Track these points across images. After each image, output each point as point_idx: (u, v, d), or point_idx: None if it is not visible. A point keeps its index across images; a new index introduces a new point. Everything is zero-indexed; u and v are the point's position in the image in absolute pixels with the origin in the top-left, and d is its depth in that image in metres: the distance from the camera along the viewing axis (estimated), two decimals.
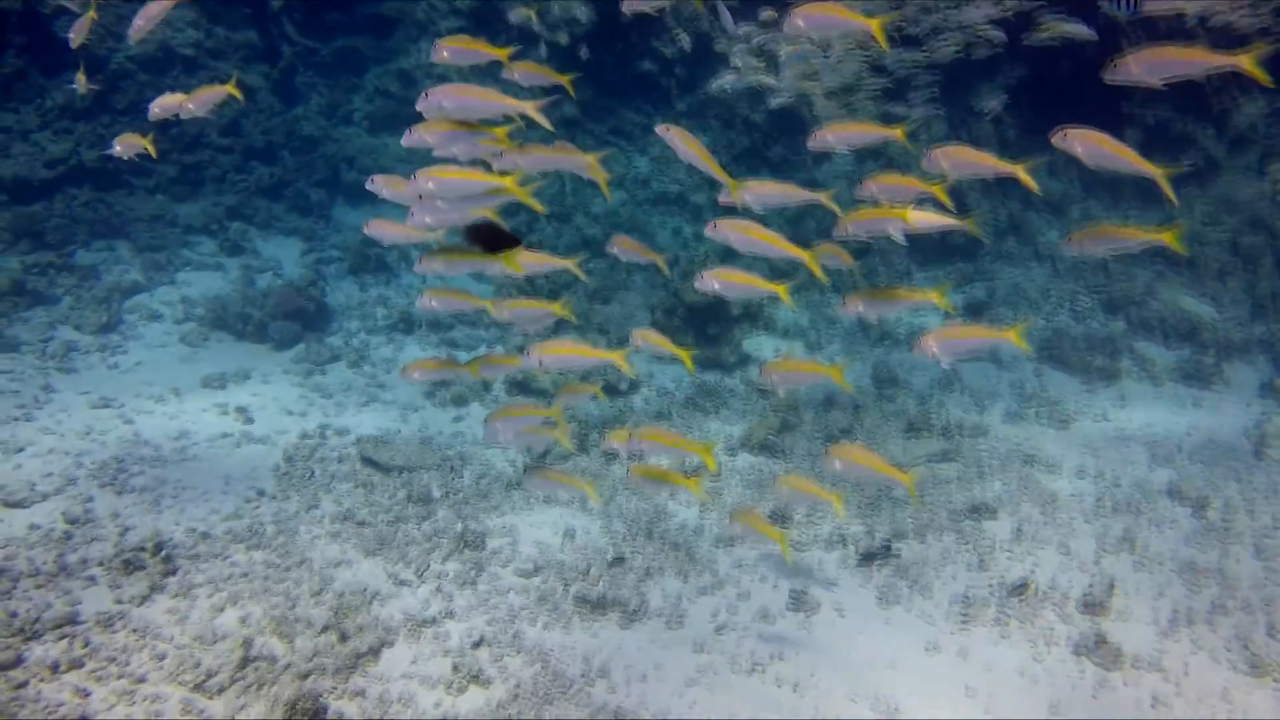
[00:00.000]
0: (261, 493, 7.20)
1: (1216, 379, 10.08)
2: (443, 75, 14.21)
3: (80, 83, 9.01)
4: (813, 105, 12.46)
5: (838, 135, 5.86)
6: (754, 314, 10.28)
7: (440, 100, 5.01)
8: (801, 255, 5.44)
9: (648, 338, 5.92)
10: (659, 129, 5.51)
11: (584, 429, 8.40)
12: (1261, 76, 4.99)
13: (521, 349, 9.49)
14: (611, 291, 11.49)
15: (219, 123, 13.11)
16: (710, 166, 5.41)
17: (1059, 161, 13.77)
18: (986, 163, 5.26)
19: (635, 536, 6.93)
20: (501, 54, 5.57)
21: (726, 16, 9.13)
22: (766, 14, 9.36)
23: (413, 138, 5.02)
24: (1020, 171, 5.20)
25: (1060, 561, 6.84)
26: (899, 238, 5.48)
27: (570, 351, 5.65)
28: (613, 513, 7.20)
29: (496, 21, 14.26)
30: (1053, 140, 4.97)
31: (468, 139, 5.04)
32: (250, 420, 8.44)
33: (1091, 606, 6.27)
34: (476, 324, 10.79)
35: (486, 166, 5.28)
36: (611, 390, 9.19)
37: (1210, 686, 5.66)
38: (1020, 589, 6.39)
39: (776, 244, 5.46)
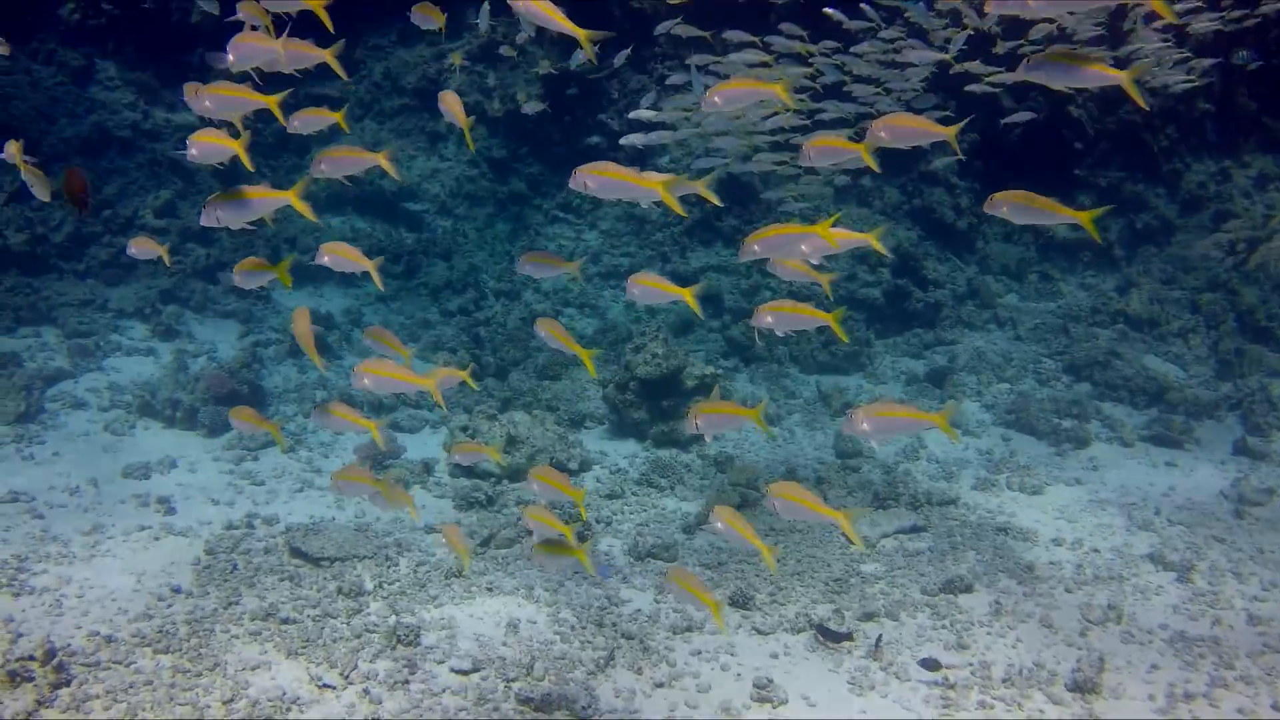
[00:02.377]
0: (177, 590, 6.58)
1: (1188, 439, 9.80)
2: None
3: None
4: (763, 178, 12.28)
5: (764, 244, 5.40)
6: (708, 387, 9.88)
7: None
8: (682, 293, 5.35)
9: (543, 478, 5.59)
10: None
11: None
12: (1095, 235, 5.22)
13: (465, 430, 9.02)
14: (562, 367, 11.06)
15: (155, 205, 12.68)
16: (562, 23, 5.25)
17: (1014, 227, 13.67)
18: (924, 128, 5.16)
19: (585, 626, 6.38)
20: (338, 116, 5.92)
21: (699, 82, 8.94)
22: (696, 58, 9.17)
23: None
24: (951, 136, 5.13)
25: (1044, 637, 6.38)
26: (814, 259, 5.20)
27: (391, 375, 5.49)
28: (560, 600, 6.65)
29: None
30: (985, 207, 5.04)
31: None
32: (172, 511, 7.84)
33: (1082, 686, 5.79)
34: (421, 404, 10.29)
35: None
36: (561, 470, 8.68)
37: None
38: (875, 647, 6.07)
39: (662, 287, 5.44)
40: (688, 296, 5.34)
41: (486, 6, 9.54)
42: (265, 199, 5.22)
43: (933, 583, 6.98)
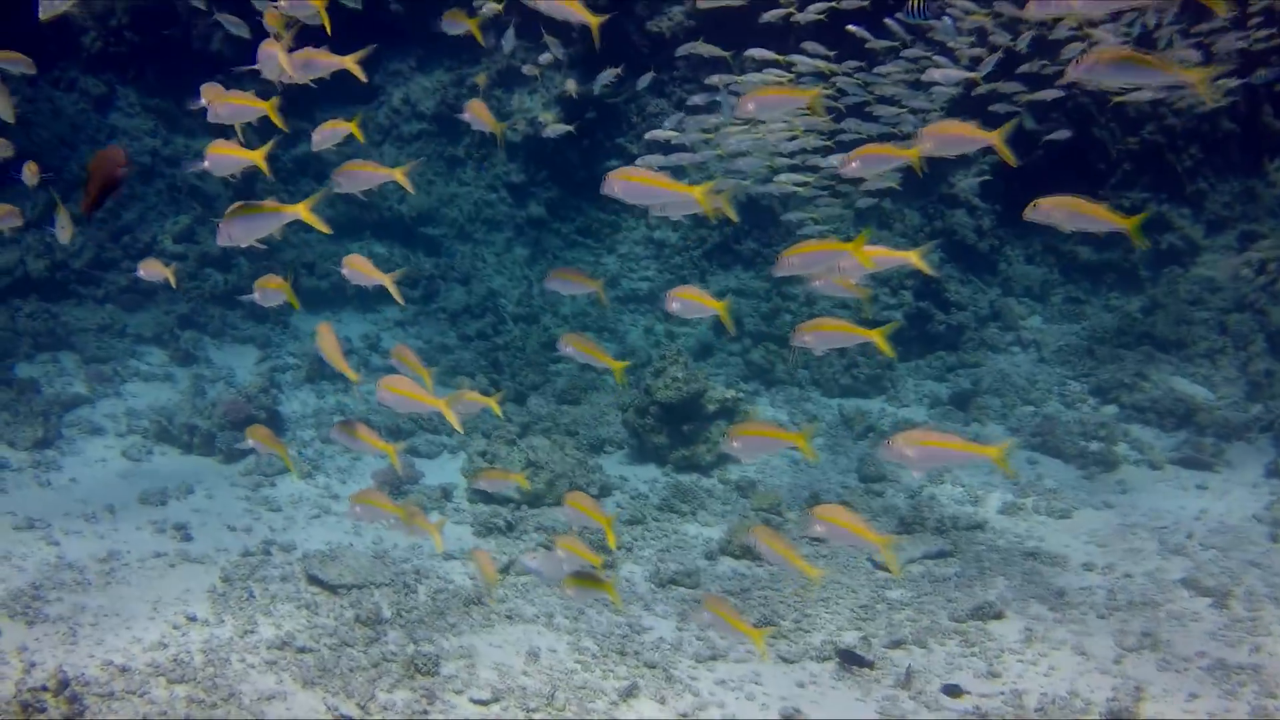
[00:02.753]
0: (193, 618, 6.49)
1: (1218, 462, 9.59)
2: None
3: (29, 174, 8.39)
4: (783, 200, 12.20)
5: (801, 259, 5.31)
6: (730, 410, 9.76)
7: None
8: (717, 306, 5.40)
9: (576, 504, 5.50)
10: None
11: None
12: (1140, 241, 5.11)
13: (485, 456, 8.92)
14: (581, 392, 10.97)
15: (174, 230, 12.71)
16: (576, 9, 5.32)
17: (1036, 249, 13.54)
18: (970, 134, 5.05)
19: (606, 654, 6.24)
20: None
21: (728, 105, 8.89)
22: (719, 78, 9.12)
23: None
24: (998, 140, 4.99)
25: (1078, 664, 6.20)
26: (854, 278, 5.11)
27: (408, 394, 5.51)
28: (581, 629, 6.52)
29: (460, 122, 14.04)
30: (1026, 214, 4.90)
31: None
32: (189, 538, 7.76)
33: (1119, 715, 5.61)
34: (439, 429, 10.21)
35: None
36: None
37: None
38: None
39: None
40: (721, 310, 5.33)
41: (512, 30, 9.53)
42: (277, 213, 5.20)
43: (962, 609, 6.81)
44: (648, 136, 10.45)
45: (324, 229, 5.11)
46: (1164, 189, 13.19)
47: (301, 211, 5.10)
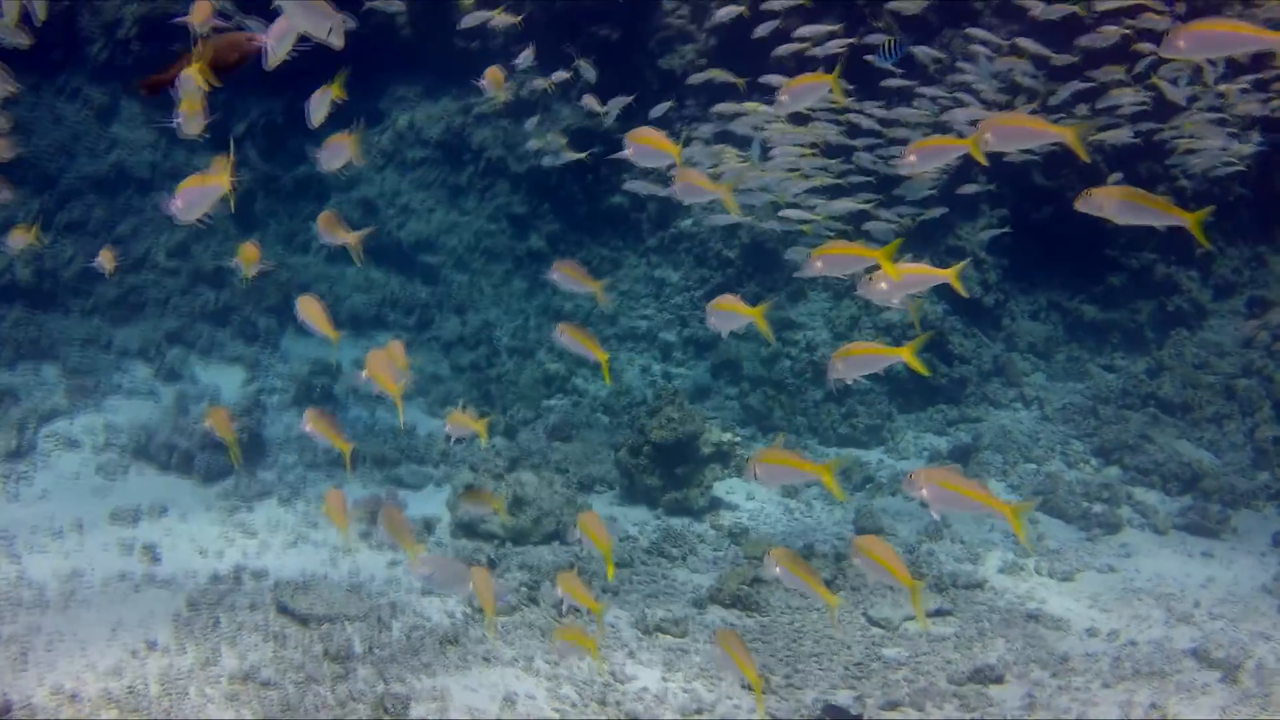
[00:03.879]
0: (153, 644, 6.17)
1: (1224, 529, 9.32)
2: (406, 206, 13.79)
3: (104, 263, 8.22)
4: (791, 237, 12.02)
5: (827, 261, 5.24)
6: (725, 454, 9.50)
7: None
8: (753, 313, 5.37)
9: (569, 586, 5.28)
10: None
11: (536, 577, 7.46)
12: (1202, 240, 4.66)
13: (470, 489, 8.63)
14: (573, 428, 10.71)
15: (168, 245, 12.50)
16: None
17: (1041, 305, 13.36)
18: (1038, 128, 4.68)
19: (587, 704, 5.93)
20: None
21: (757, 146, 8.76)
22: (748, 113, 8.99)
23: None
24: (1070, 137, 4.58)
25: None
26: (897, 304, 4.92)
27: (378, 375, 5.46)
28: (561, 675, 6.20)
29: (465, 151, 13.94)
30: (1077, 204, 4.61)
31: None
32: (157, 560, 7.46)
33: None
34: (424, 460, 9.93)
35: None
36: (567, 536, 8.28)
37: None
38: None
39: None
40: (758, 316, 5.31)
41: (530, 51, 9.39)
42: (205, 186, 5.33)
43: (960, 671, 6.51)
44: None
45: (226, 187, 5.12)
46: (1172, 251, 13.05)
47: (223, 183, 5.22)
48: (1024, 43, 9.53)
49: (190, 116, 5.68)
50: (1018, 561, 8.38)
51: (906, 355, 4.86)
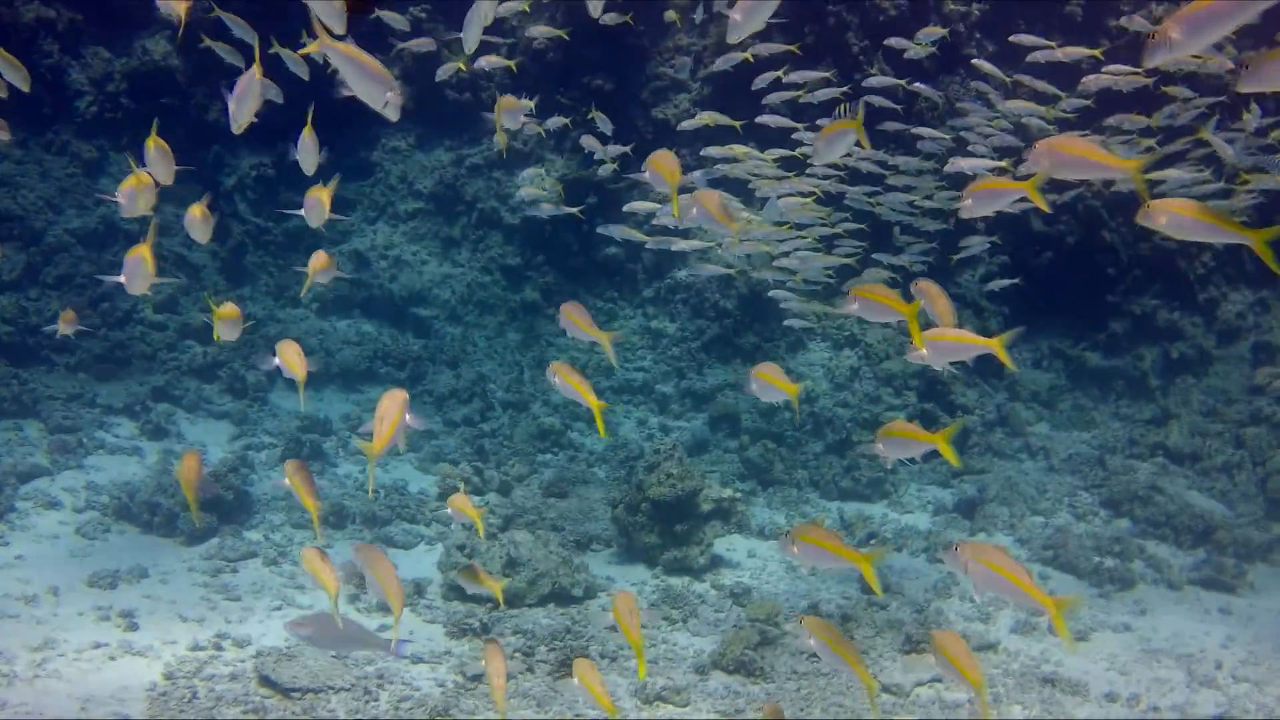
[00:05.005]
0: None
1: (1241, 584, 9.05)
2: (398, 258, 13.61)
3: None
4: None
5: (862, 304, 5.18)
6: (725, 511, 9.23)
7: None
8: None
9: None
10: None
11: (531, 643, 7.15)
12: (1270, 261, 4.26)
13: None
14: (569, 485, 10.44)
15: (155, 299, 12.28)
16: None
17: (1044, 353, 13.18)
18: (1100, 159, 4.37)
19: None
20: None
21: (773, 205, 8.66)
22: (712, 151, 8.90)
23: None
24: (1135, 172, 4.33)
25: None
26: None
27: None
28: None
29: (458, 202, 13.80)
30: (1139, 218, 4.31)
31: None
32: (134, 627, 7.13)
33: None
34: (416, 519, 9.64)
35: None
36: (564, 597, 7.99)
37: None
38: None
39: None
40: (793, 394, 5.45)
41: (529, 102, 9.28)
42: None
43: None
44: (625, 208, 10.28)
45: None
46: (1176, 296, 12.91)
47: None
48: (1033, 82, 9.43)
49: (139, 194, 5.68)
50: (1031, 621, 8.08)
51: (941, 444, 4.78)
